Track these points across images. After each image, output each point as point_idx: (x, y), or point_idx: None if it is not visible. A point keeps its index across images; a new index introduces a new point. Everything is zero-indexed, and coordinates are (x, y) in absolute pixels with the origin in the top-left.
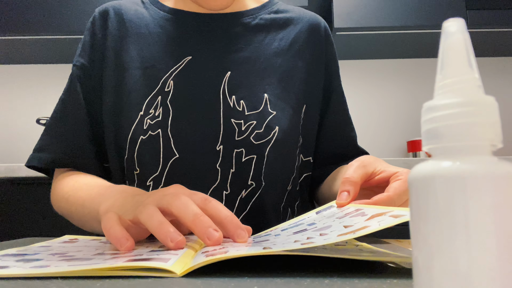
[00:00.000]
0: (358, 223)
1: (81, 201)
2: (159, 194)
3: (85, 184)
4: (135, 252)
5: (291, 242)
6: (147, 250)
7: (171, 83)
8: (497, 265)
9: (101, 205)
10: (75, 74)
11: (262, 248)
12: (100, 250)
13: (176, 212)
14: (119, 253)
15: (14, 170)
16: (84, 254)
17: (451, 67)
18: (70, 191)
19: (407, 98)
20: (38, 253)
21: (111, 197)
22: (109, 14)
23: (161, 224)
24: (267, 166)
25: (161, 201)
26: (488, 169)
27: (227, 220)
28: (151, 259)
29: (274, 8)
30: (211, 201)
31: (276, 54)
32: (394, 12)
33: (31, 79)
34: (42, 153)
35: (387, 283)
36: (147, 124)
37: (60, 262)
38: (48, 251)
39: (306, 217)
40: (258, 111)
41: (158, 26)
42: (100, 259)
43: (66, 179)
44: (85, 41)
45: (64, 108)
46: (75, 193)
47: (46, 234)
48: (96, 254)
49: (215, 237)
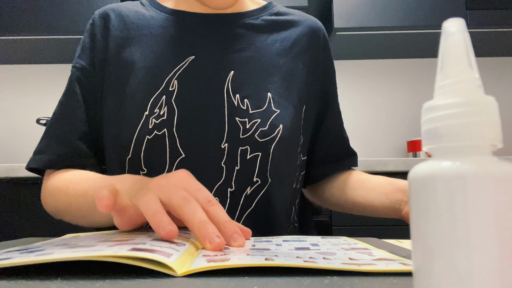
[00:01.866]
0: (365, 260)
1: (83, 191)
2: (164, 183)
3: (87, 176)
4: (137, 240)
5: (293, 257)
6: (150, 239)
7: (175, 83)
8: (497, 265)
9: None
10: (75, 75)
11: (264, 259)
12: (103, 239)
13: (185, 216)
14: (123, 240)
15: (14, 170)
16: (88, 243)
17: (451, 67)
18: (70, 183)
19: (407, 98)
20: (41, 246)
21: (119, 181)
22: (109, 16)
23: (155, 213)
24: (272, 164)
25: (163, 194)
26: (488, 169)
27: (225, 224)
28: (155, 251)
29: (274, 10)
30: (213, 204)
31: (278, 54)
32: (394, 12)
33: (31, 79)
34: (41, 155)
35: (387, 283)
36: (153, 124)
37: (63, 250)
38: (51, 244)
39: (310, 237)
40: (262, 110)
41: (159, 27)
42: (104, 245)
43: (63, 174)
44: (85, 43)
45: (62, 110)
46: (76, 185)
47: (46, 234)
48: (99, 241)
49: (216, 241)
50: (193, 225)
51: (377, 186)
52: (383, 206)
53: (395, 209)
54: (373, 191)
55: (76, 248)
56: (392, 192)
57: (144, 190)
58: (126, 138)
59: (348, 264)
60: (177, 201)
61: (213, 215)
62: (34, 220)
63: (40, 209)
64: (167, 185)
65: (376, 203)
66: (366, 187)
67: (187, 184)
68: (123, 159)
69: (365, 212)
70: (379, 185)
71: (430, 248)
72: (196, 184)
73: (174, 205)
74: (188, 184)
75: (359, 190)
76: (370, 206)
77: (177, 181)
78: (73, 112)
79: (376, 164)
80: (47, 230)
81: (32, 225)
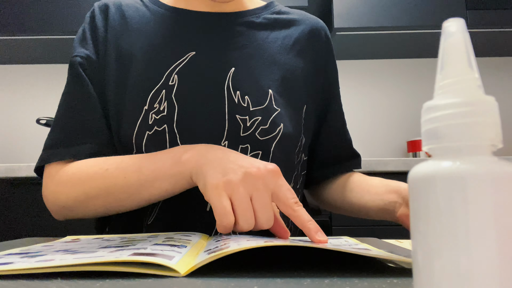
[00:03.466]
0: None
1: (133, 167)
2: (253, 177)
3: (125, 156)
4: (138, 245)
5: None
6: (151, 244)
7: (175, 77)
8: (497, 265)
9: (185, 153)
10: (79, 63)
11: (263, 242)
12: (104, 244)
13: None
14: (123, 246)
15: (14, 170)
16: (88, 249)
17: (451, 67)
18: (107, 165)
19: (407, 98)
20: (42, 251)
21: (190, 148)
22: (109, 9)
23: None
24: (272, 162)
25: (250, 189)
26: (488, 169)
27: (310, 222)
28: (156, 254)
29: (276, 9)
30: (299, 205)
31: (280, 52)
32: (394, 12)
33: (31, 79)
34: (59, 149)
35: (387, 283)
36: (153, 119)
37: (64, 256)
38: (52, 249)
39: None
40: (263, 107)
41: (159, 22)
42: (105, 251)
43: (88, 161)
44: (86, 33)
45: (72, 100)
46: (118, 164)
47: (46, 234)
48: (100, 247)
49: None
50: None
51: (372, 187)
52: (377, 208)
53: (389, 211)
54: (368, 192)
55: (77, 254)
56: (385, 193)
57: (231, 180)
58: (126, 133)
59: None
60: (263, 212)
61: (299, 214)
62: (34, 220)
63: (40, 209)
64: (256, 179)
65: (370, 204)
66: (362, 188)
67: (277, 182)
68: (129, 153)
69: (360, 214)
70: (374, 186)
71: (430, 248)
72: (286, 184)
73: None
74: (278, 182)
75: (355, 191)
76: (364, 208)
77: (267, 177)
78: (86, 100)
79: (376, 164)
80: (47, 230)
81: (32, 225)
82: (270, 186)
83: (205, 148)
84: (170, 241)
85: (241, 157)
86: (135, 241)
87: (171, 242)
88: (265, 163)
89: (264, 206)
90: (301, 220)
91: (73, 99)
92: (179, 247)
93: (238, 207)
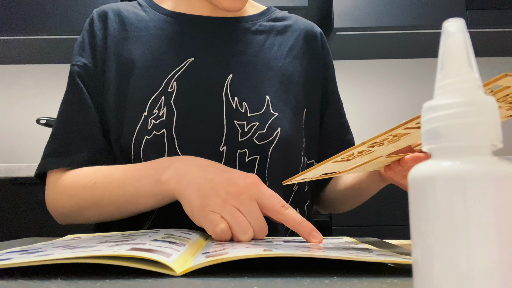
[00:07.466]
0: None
1: (118, 183)
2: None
3: (113, 168)
4: (137, 240)
5: (292, 248)
6: (150, 239)
7: (174, 84)
8: (497, 265)
9: (164, 173)
10: (77, 73)
11: (263, 250)
12: (104, 240)
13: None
14: (123, 241)
15: (14, 170)
16: (88, 244)
17: (451, 67)
18: (95, 178)
19: (407, 98)
20: (41, 248)
21: (169, 166)
22: (108, 16)
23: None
24: (270, 166)
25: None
26: (488, 169)
27: (302, 223)
28: (154, 250)
29: (272, 16)
30: (287, 208)
31: (276, 58)
32: (394, 12)
33: (31, 79)
34: (57, 157)
35: (387, 283)
36: (151, 124)
37: (64, 251)
38: (51, 245)
39: None
40: (261, 113)
41: (158, 28)
42: (104, 246)
43: (79, 172)
44: (85, 41)
45: (70, 109)
46: (104, 178)
47: (46, 234)
48: (100, 242)
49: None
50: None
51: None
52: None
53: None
54: (354, 174)
55: (76, 249)
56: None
57: (215, 201)
58: (125, 139)
59: (346, 253)
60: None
61: (289, 217)
62: (34, 220)
63: (40, 209)
64: (238, 194)
65: (360, 175)
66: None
67: (259, 192)
68: (128, 160)
69: (353, 192)
70: None
71: (430, 248)
72: (268, 191)
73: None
74: (260, 191)
75: (345, 177)
76: (358, 183)
77: (248, 189)
78: (82, 109)
79: None
80: (47, 230)
81: (32, 225)
82: (254, 197)
83: (183, 166)
84: (169, 238)
85: (219, 174)
86: (135, 236)
87: (170, 239)
88: (243, 176)
89: (255, 218)
90: (293, 223)
91: (69, 108)
92: (178, 245)
93: (232, 222)
